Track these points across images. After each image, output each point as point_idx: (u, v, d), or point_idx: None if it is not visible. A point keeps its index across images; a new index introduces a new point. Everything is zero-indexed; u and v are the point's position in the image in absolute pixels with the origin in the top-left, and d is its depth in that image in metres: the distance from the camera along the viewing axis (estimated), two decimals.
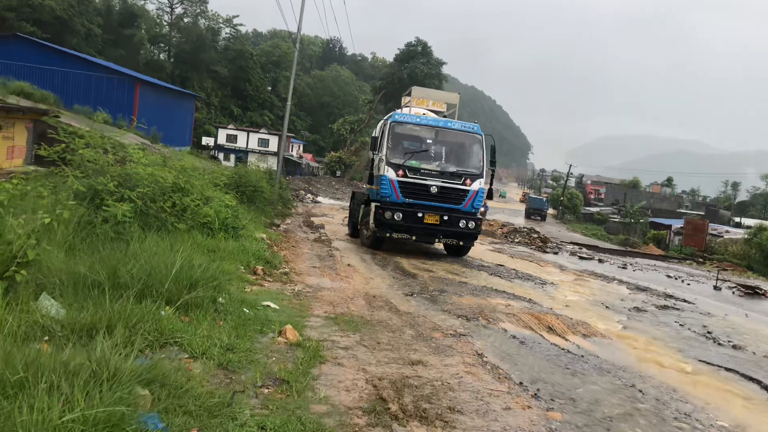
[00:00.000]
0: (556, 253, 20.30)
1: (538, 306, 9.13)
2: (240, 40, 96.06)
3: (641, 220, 70.39)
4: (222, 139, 73.92)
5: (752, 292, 14.95)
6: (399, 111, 14.94)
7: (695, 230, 52.15)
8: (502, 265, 14.16)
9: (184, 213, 8.95)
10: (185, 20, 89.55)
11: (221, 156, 63.78)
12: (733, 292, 15.14)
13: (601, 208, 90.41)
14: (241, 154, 63.81)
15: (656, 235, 63.09)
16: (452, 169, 13.77)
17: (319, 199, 37.66)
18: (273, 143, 74.01)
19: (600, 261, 19.42)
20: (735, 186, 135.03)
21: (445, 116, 15.27)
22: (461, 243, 13.98)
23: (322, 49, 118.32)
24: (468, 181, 13.60)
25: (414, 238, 13.76)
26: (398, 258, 13.07)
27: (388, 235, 13.51)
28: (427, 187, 13.36)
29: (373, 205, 13.65)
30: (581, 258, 19.76)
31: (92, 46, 65.83)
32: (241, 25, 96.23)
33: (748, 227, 77.56)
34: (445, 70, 68.54)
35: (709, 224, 54.98)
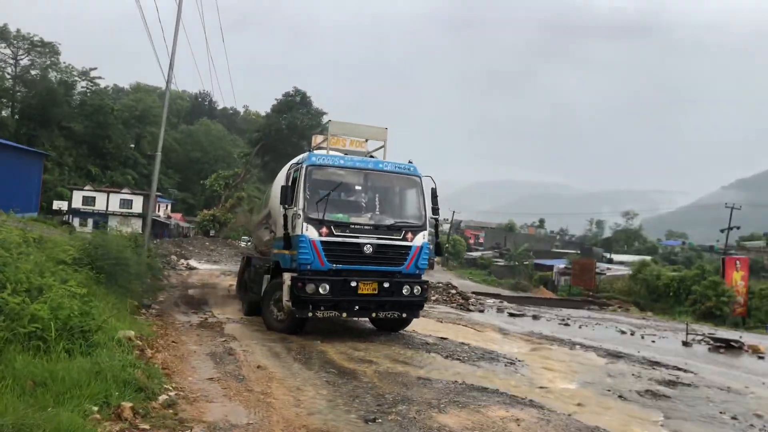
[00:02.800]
0: (482, 311, 18.08)
1: (552, 413, 6.42)
2: (98, 94, 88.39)
3: (525, 263, 71.66)
4: (77, 202, 66.43)
5: (726, 346, 13.41)
6: (314, 152, 12.00)
7: (582, 270, 53.28)
8: (444, 338, 11.47)
9: None
10: (32, 73, 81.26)
11: (76, 221, 56.54)
12: (709, 349, 13.52)
13: (483, 252, 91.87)
14: (100, 218, 57.08)
15: (542, 277, 64.31)
16: (389, 221, 11.02)
17: (195, 263, 33.22)
18: (137, 204, 67.70)
19: (534, 317, 17.38)
20: (599, 224, 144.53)
21: (371, 156, 12.54)
22: (404, 315, 11.13)
23: (190, 103, 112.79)
24: (409, 235, 10.89)
25: (345, 315, 10.73)
26: (317, 343, 9.93)
27: (310, 314, 10.36)
28: (360, 246, 10.47)
29: (286, 276, 10.50)
30: (511, 315, 17.65)
31: None
32: (100, 78, 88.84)
33: (621, 263, 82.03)
34: (325, 119, 66.61)
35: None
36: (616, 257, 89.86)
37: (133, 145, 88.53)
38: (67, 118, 77.37)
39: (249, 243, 59.07)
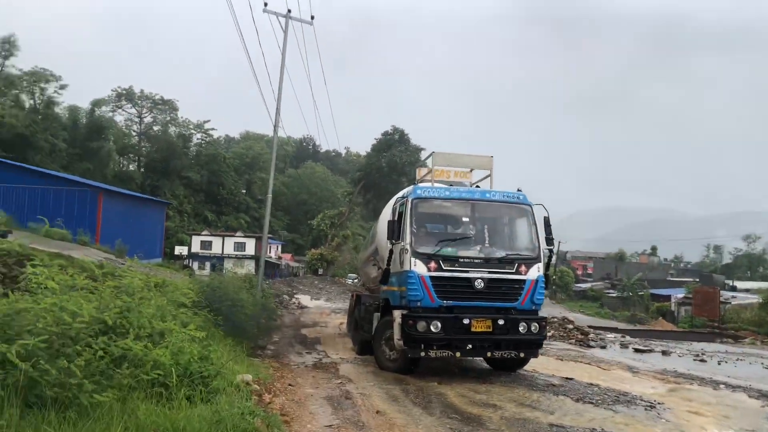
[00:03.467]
0: (603, 347, 16.78)
1: None
2: (212, 144, 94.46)
3: (640, 293, 67.26)
4: (196, 246, 70.34)
5: None
6: (420, 184, 11.73)
7: (705, 299, 49.02)
8: (570, 379, 10.59)
9: (119, 366, 5.42)
10: (155, 129, 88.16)
11: (195, 265, 59.74)
12: None
13: (593, 284, 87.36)
14: (216, 261, 59.98)
15: (660, 308, 59.99)
16: (500, 253, 10.48)
17: (305, 302, 33.84)
18: (250, 246, 70.64)
19: (664, 353, 15.88)
20: (717, 249, 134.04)
21: (476, 186, 12.09)
22: (521, 355, 10.44)
23: (295, 148, 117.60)
24: (522, 268, 10.27)
25: (459, 354, 10.21)
26: (434, 384, 9.44)
27: (422, 354, 9.94)
28: (471, 281, 9.98)
29: (396, 313, 10.17)
30: (637, 351, 16.24)
31: (57, 161, 63.02)
32: (213, 129, 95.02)
33: (746, 290, 75.08)
34: (423, 155, 66.90)
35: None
36: (739, 284, 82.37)
37: (244, 191, 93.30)
38: (185, 169, 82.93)
39: (355, 280, 59.91)
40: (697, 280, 79.91)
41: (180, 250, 68.00)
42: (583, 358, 13.98)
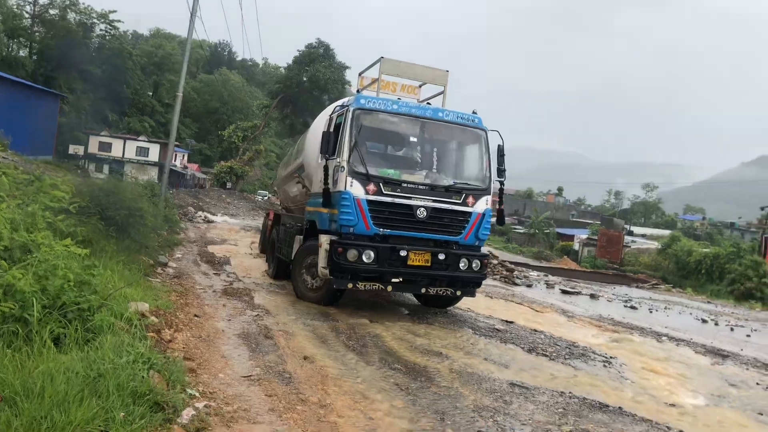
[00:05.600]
0: (529, 286, 16.36)
1: None
2: (117, 38, 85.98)
3: (546, 231, 69.62)
4: (94, 147, 65.11)
5: None
6: (364, 93, 10.07)
7: (610, 242, 51.40)
8: (510, 322, 9.78)
9: None
10: (51, 13, 78.93)
11: (92, 167, 55.16)
12: None
13: None
14: (116, 165, 55.71)
15: (564, 247, 62.52)
16: (447, 181, 9.22)
17: (212, 216, 31.70)
18: (153, 152, 66.29)
19: (592, 296, 15.61)
20: (617, 195, 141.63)
21: (427, 103, 10.60)
22: (458, 293, 9.42)
23: (209, 52, 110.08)
24: (470, 199, 9.08)
25: (390, 288, 9.04)
26: (366, 323, 8.27)
27: (350, 285, 8.67)
28: (413, 209, 8.69)
29: (324, 238, 8.76)
30: (564, 292, 15.90)
31: None
32: (119, 21, 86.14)
33: (643, 235, 79.75)
34: (348, 75, 64.02)
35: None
36: (635, 229, 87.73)
37: (151, 93, 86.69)
38: (85, 62, 75.20)
39: (265, 198, 57.78)
40: (599, 222, 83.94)
41: (75, 149, 62.66)
42: (513, 297, 13.36)
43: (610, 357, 7.92)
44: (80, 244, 7.40)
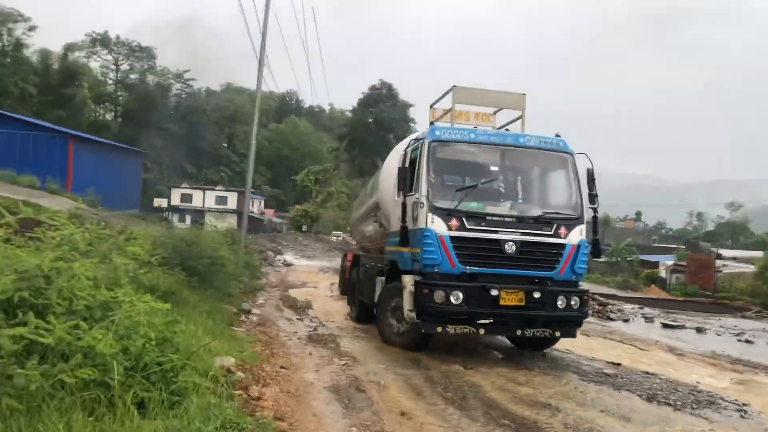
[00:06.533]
0: (626, 321, 15.18)
1: None
2: (192, 96, 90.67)
3: (629, 259, 66.37)
4: (176, 199, 67.93)
5: None
6: (438, 124, 9.65)
7: (700, 267, 48.12)
8: (617, 365, 8.89)
9: (26, 359, 3.47)
10: (132, 77, 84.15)
11: (175, 218, 57.34)
12: None
13: None
14: (198, 215, 57.68)
15: (650, 275, 59.18)
16: (536, 211, 8.59)
17: (291, 260, 31.94)
18: (231, 200, 68.45)
19: (699, 330, 14.28)
20: (699, 216, 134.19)
21: (505, 130, 10.07)
22: (557, 335, 8.66)
23: (278, 103, 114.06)
24: (562, 230, 8.40)
25: (482, 332, 8.42)
26: (461, 370, 7.65)
27: (439, 329, 8.10)
28: (500, 244, 8.10)
29: (408, 279, 8.27)
30: (666, 326, 14.63)
31: (28, 108, 59.31)
32: (192, 80, 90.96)
33: (733, 258, 74.68)
34: (412, 112, 64.41)
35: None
36: (723, 252, 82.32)
37: (225, 144, 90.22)
38: (164, 120, 79.41)
39: (339, 238, 58.20)
40: (684, 247, 79.45)
41: (159, 202, 65.62)
42: (611, 334, 12.34)
43: (743, 404, 6.91)
44: (162, 297, 7.27)
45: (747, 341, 13.21)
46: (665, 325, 14.66)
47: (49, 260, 4.43)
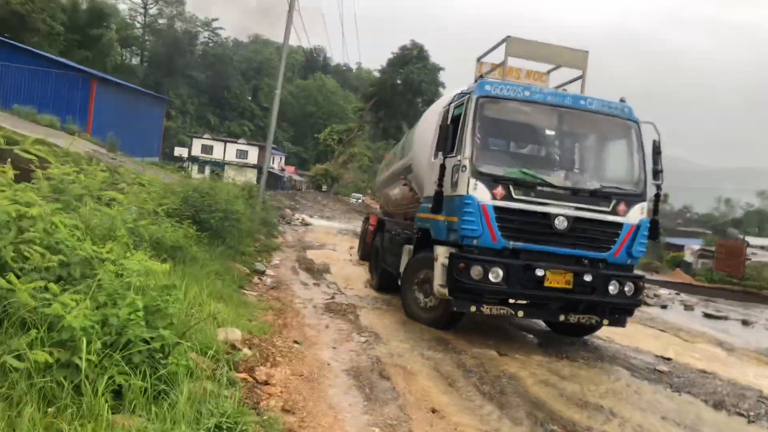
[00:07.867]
0: (664, 307, 14.21)
1: None
2: (219, 45, 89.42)
3: (655, 241, 64.93)
4: (197, 149, 67.38)
5: None
6: (488, 78, 8.57)
7: (730, 254, 46.63)
8: (666, 359, 7.96)
9: None
10: (160, 22, 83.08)
11: (194, 169, 56.84)
12: None
13: None
14: (218, 167, 57.14)
15: (674, 257, 57.76)
16: (593, 184, 7.58)
17: (309, 219, 31.23)
18: (252, 155, 67.76)
19: (745, 323, 13.29)
20: (727, 202, 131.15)
21: (563, 89, 8.99)
22: (605, 322, 7.73)
23: (304, 58, 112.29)
24: (622, 207, 7.40)
25: (521, 314, 7.52)
26: (495, 356, 6.80)
27: (473, 309, 7.22)
28: (550, 218, 7.13)
29: (441, 251, 7.38)
30: (707, 316, 13.64)
31: (54, 46, 58.38)
32: (220, 29, 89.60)
33: (762, 247, 72.67)
34: (442, 76, 62.50)
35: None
36: (752, 240, 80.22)
37: (250, 97, 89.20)
38: (190, 68, 78.47)
39: (359, 200, 57.39)
40: (710, 231, 77.52)
41: (180, 151, 65.20)
42: (651, 321, 11.38)
43: None
44: (167, 252, 6.45)
45: None
46: (707, 315, 13.67)
47: (8, 203, 3.56)
